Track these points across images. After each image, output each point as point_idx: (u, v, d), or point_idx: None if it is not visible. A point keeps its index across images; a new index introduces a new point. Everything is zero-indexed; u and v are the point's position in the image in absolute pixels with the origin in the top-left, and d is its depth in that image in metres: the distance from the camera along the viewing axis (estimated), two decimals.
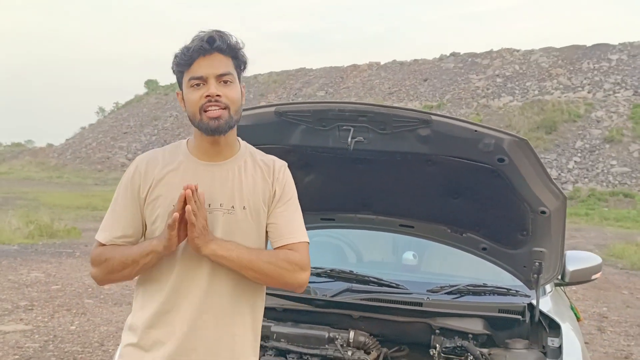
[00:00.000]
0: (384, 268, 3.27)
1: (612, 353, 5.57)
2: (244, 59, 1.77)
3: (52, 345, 5.11)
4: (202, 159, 1.77)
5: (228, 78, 1.71)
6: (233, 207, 1.74)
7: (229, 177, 1.76)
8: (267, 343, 2.57)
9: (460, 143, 2.35)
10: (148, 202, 1.75)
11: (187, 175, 1.74)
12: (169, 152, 1.82)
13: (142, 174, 1.77)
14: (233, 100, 1.71)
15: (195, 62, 1.68)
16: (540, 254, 2.61)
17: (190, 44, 1.69)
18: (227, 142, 1.77)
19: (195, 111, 1.69)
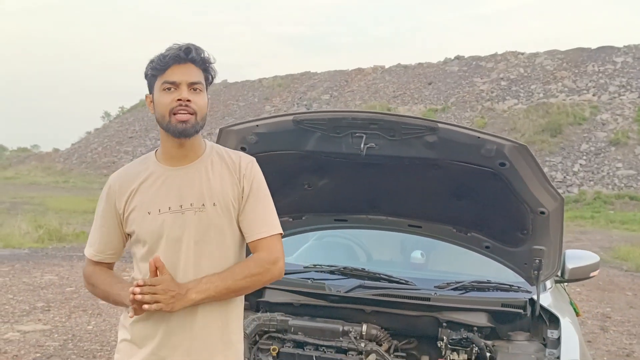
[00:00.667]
0: (393, 266, 3.41)
1: (614, 351, 5.66)
2: (213, 73, 1.90)
3: (72, 344, 5.23)
4: (170, 165, 1.89)
5: (198, 87, 1.83)
6: (203, 205, 1.84)
7: (196, 177, 1.87)
8: (286, 336, 2.75)
9: (464, 149, 2.51)
10: (126, 215, 1.88)
11: (158, 182, 1.86)
12: (138, 165, 1.95)
13: (116, 191, 1.90)
14: (200, 107, 1.83)
15: (169, 68, 1.80)
16: (540, 251, 2.75)
17: (167, 52, 1.81)
18: (192, 145, 1.89)
19: (165, 113, 1.81)
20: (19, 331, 5.50)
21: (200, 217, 1.83)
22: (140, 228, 1.84)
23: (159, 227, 1.82)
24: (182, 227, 1.82)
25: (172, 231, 1.82)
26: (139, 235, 1.85)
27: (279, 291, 2.97)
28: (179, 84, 1.80)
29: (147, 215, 1.83)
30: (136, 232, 1.86)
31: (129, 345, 1.88)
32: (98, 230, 1.94)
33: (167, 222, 1.82)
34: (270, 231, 1.90)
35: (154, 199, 1.84)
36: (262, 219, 1.91)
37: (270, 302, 2.97)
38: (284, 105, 42.46)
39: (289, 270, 3.02)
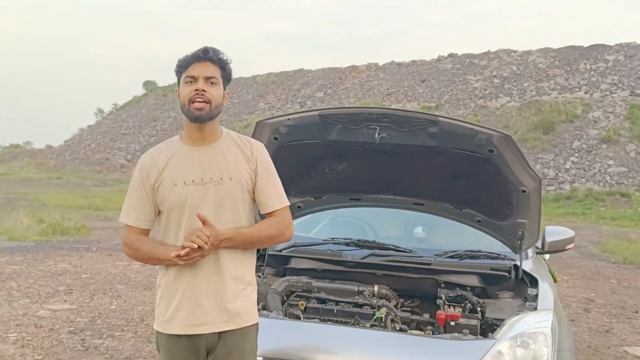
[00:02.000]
0: (398, 241, 3.82)
1: (595, 328, 6.04)
2: (230, 72, 2.28)
3: (100, 320, 5.60)
4: (192, 145, 2.26)
5: (214, 80, 2.20)
6: (221, 179, 2.21)
7: (216, 156, 2.23)
8: (311, 295, 3.29)
9: (460, 138, 3.02)
10: (156, 187, 2.23)
11: (182, 159, 2.23)
12: (165, 146, 2.31)
13: (148, 167, 2.26)
14: (214, 97, 2.19)
15: (191, 65, 2.19)
16: (523, 224, 3.29)
17: (191, 53, 2.22)
18: (210, 129, 2.25)
19: (185, 102, 2.18)
20: (49, 309, 5.89)
21: (218, 189, 2.20)
22: (168, 197, 2.21)
23: (183, 196, 2.19)
24: (203, 196, 2.18)
25: (194, 200, 2.18)
26: (167, 203, 2.21)
27: (303, 259, 3.53)
28: (197, 77, 2.17)
29: (174, 186, 2.20)
30: (164, 200, 2.21)
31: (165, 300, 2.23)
32: (133, 202, 2.27)
33: (190, 192, 2.19)
34: (282, 203, 2.31)
35: (179, 172, 2.21)
36: (276, 193, 2.31)
37: (296, 268, 3.52)
38: (278, 102, 42.44)
39: (311, 242, 3.76)
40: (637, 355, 5.10)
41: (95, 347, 4.74)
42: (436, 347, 2.69)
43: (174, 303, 2.20)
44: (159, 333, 2.27)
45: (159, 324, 2.26)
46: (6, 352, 4.52)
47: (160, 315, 2.25)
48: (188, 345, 2.21)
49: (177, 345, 2.22)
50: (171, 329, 2.21)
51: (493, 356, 2.54)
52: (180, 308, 2.19)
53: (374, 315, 3.01)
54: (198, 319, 2.19)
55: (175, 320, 2.20)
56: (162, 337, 2.25)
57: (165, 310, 2.23)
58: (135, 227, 2.27)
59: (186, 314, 2.19)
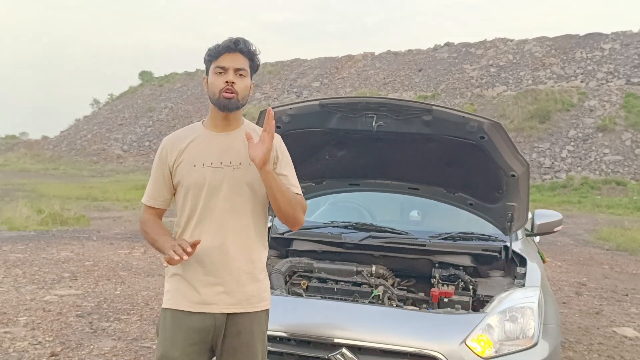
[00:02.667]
0: (395, 224, 4.00)
1: (585, 310, 6.22)
2: (258, 63, 2.34)
3: (105, 304, 5.76)
4: (215, 131, 2.33)
5: (243, 72, 2.26)
6: (240, 163, 2.28)
7: (236, 142, 2.30)
8: (312, 274, 3.47)
9: (453, 126, 3.16)
10: (175, 167, 2.30)
11: (204, 142, 2.30)
12: (188, 130, 2.39)
13: (168, 150, 2.33)
14: (242, 89, 2.26)
15: (222, 56, 2.24)
16: (512, 207, 3.47)
17: (221, 43, 2.26)
18: (234, 118, 2.33)
19: (216, 91, 2.24)
20: (55, 295, 6.04)
21: (236, 172, 2.27)
22: (186, 177, 2.27)
23: (202, 177, 2.26)
24: (221, 178, 2.25)
25: (212, 181, 2.25)
26: (185, 183, 2.28)
27: (304, 241, 3.72)
28: (227, 68, 2.23)
29: (192, 167, 2.27)
30: (183, 181, 2.28)
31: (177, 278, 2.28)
32: (152, 181, 2.36)
33: (209, 174, 2.26)
34: (299, 190, 2.37)
35: (199, 155, 2.28)
36: (293, 181, 2.37)
37: (298, 250, 3.71)
38: (274, 92, 42.49)
39: (311, 226, 3.92)
40: (625, 335, 5.28)
41: (103, 330, 4.90)
42: (430, 320, 2.86)
43: (186, 281, 2.26)
44: (165, 310, 2.29)
45: (168, 300, 2.29)
46: (17, 334, 4.68)
47: (170, 292, 2.29)
48: (194, 325, 2.23)
49: (182, 323, 2.24)
50: (181, 305, 2.25)
51: (483, 329, 2.71)
52: (192, 286, 2.24)
53: (372, 294, 3.18)
54: (210, 298, 2.23)
55: (186, 298, 2.24)
56: (168, 315, 2.28)
57: (177, 287, 2.27)
58: (150, 206, 2.35)
59: (197, 293, 2.23)
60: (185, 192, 2.28)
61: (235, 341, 2.27)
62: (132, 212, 15.04)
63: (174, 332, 2.25)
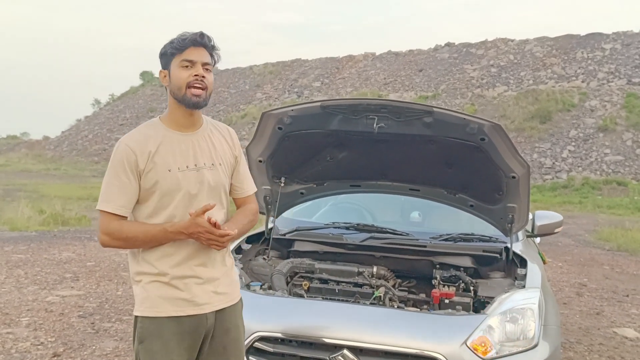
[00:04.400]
0: (395, 225, 4.01)
1: (586, 311, 6.23)
2: (217, 58, 2.26)
3: (107, 305, 5.78)
4: (180, 131, 2.22)
5: (209, 67, 2.20)
6: (213, 164, 2.23)
7: (203, 142, 2.24)
8: (313, 275, 3.48)
9: (453, 127, 3.19)
10: (146, 172, 2.14)
11: (174, 144, 2.18)
12: (148, 130, 2.22)
13: (135, 151, 2.14)
14: (210, 84, 2.19)
15: (187, 49, 2.15)
16: (513, 208, 3.48)
17: (185, 36, 2.17)
18: (198, 115, 2.26)
19: (182, 86, 2.14)
20: (57, 295, 6.06)
21: (212, 174, 2.22)
22: (161, 182, 2.14)
23: (178, 182, 2.15)
24: (200, 182, 2.18)
25: (190, 185, 2.17)
26: (160, 188, 2.14)
27: (306, 242, 3.73)
28: (195, 62, 2.15)
29: (167, 172, 2.14)
30: (156, 186, 2.14)
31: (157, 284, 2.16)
32: (118, 187, 2.14)
33: (186, 178, 2.16)
34: (254, 189, 2.43)
35: (172, 158, 2.16)
36: (249, 179, 2.41)
37: (299, 251, 3.71)
38: (275, 92, 42.46)
39: (313, 227, 3.96)
40: (625, 335, 5.29)
41: (105, 330, 4.92)
42: (431, 322, 2.87)
43: (170, 285, 2.15)
44: (146, 319, 2.15)
45: (148, 308, 2.15)
46: (20, 334, 4.70)
47: (150, 298, 2.15)
48: (184, 327, 2.15)
49: (171, 329, 2.14)
50: (168, 311, 2.14)
51: (484, 330, 2.73)
52: (177, 288, 2.15)
53: (373, 295, 3.20)
54: (199, 298, 2.17)
55: (172, 302, 2.14)
56: (153, 322, 2.14)
57: (158, 292, 2.15)
58: (116, 214, 2.13)
59: (185, 294, 2.15)
60: (160, 198, 2.15)
61: (225, 339, 2.25)
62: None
63: (163, 338, 2.13)
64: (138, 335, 2.18)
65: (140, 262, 2.20)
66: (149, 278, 2.17)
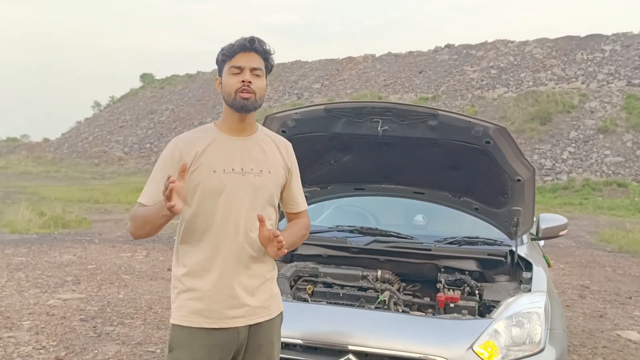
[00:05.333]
0: (399, 228, 4.00)
1: (589, 313, 6.22)
2: (272, 63, 2.25)
3: (109, 308, 5.78)
4: (232, 134, 2.22)
5: (258, 72, 2.18)
6: (261, 171, 2.21)
7: (255, 148, 2.23)
8: (317, 279, 3.45)
9: (458, 130, 3.16)
10: (191, 172, 2.14)
11: (222, 146, 2.18)
12: (200, 132, 2.25)
13: (182, 150, 2.16)
14: (259, 89, 2.17)
15: (236, 55, 2.16)
16: (518, 211, 3.47)
17: (235, 42, 2.18)
18: (250, 121, 2.24)
19: (232, 92, 2.15)
20: (59, 299, 6.05)
21: (257, 180, 2.19)
22: (205, 183, 2.14)
23: (222, 183, 2.14)
24: (242, 186, 2.16)
25: (233, 188, 2.15)
26: (202, 188, 2.14)
27: (310, 246, 3.68)
28: (244, 68, 2.14)
29: (212, 173, 2.14)
30: (199, 186, 2.14)
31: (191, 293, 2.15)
32: (157, 182, 2.14)
33: (230, 181, 2.15)
34: (306, 206, 2.42)
35: (219, 160, 2.16)
36: (302, 195, 2.40)
37: (303, 255, 3.68)
38: (275, 94, 42.45)
39: (317, 230, 3.87)
40: (629, 338, 5.27)
41: (107, 334, 4.90)
42: (437, 326, 2.86)
43: (202, 294, 2.13)
44: (179, 327, 2.14)
45: (182, 317, 2.14)
46: (22, 338, 4.68)
47: (184, 307, 2.14)
48: (215, 341, 2.12)
49: (201, 341, 2.12)
50: (199, 323, 2.12)
51: (490, 334, 2.71)
52: (209, 299, 2.12)
53: (378, 299, 3.18)
54: (231, 312, 2.13)
55: (203, 313, 2.12)
56: (184, 332, 2.13)
57: (190, 302, 2.13)
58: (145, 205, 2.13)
59: (217, 306, 2.12)
60: (202, 198, 2.15)
61: (257, 355, 2.22)
62: None
63: (194, 350, 2.12)
64: (169, 343, 2.20)
65: (179, 267, 2.21)
66: (180, 284, 2.18)
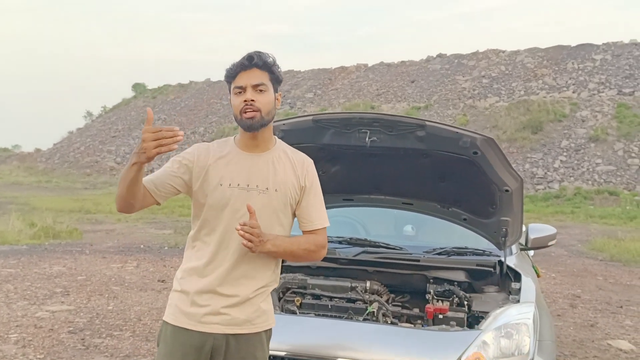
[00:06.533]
0: (389, 239, 3.98)
1: (580, 323, 6.22)
2: (278, 74, 2.24)
3: (98, 320, 5.73)
4: (245, 150, 2.24)
5: (262, 88, 2.17)
6: (267, 188, 2.19)
7: (265, 165, 2.22)
8: (306, 291, 3.41)
9: (446, 141, 3.19)
10: (200, 180, 2.19)
11: (232, 161, 2.21)
12: (219, 145, 2.29)
13: (196, 155, 2.22)
14: (264, 104, 2.16)
15: (238, 75, 2.17)
16: (506, 222, 3.48)
17: (237, 62, 2.18)
18: (263, 138, 2.24)
19: (237, 113, 2.18)
20: (47, 311, 6.00)
21: (262, 197, 2.18)
22: (210, 195, 2.19)
23: (226, 197, 2.17)
24: (245, 202, 2.14)
25: (236, 203, 2.17)
26: (207, 201, 2.19)
27: None
28: (245, 87, 2.15)
29: (218, 186, 2.18)
30: (205, 197, 2.19)
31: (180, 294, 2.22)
32: (163, 169, 2.21)
33: (234, 195, 2.17)
34: (324, 223, 2.31)
35: (226, 173, 2.19)
36: (319, 212, 2.31)
37: (291, 266, 3.64)
38: None
39: None
40: (620, 348, 5.27)
41: (95, 346, 4.86)
42: (425, 338, 2.85)
43: (189, 297, 2.19)
44: (166, 323, 2.24)
45: (169, 314, 2.24)
46: (8, 351, 4.63)
47: (172, 306, 2.24)
48: (192, 341, 2.17)
49: (180, 339, 2.18)
50: (181, 322, 2.19)
51: (478, 346, 2.70)
52: (194, 302, 2.18)
53: (367, 310, 3.16)
54: (211, 317, 2.17)
55: (187, 314, 2.18)
56: (168, 328, 2.23)
57: (179, 302, 2.22)
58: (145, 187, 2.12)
59: (199, 310, 2.17)
60: (207, 210, 2.20)
61: None
62: (124, 225, 14.95)
63: (173, 346, 2.19)
64: (157, 337, 2.31)
65: (180, 269, 2.28)
66: (177, 284, 2.26)
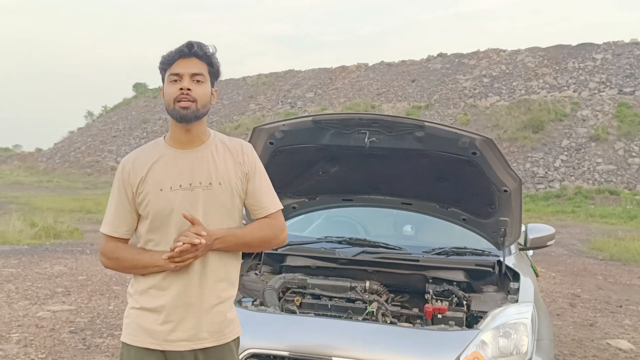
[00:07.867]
0: (388, 239, 3.97)
1: (579, 322, 6.23)
2: (218, 67, 2.13)
3: (99, 320, 5.74)
4: (179, 148, 2.10)
5: (199, 78, 2.05)
6: (210, 183, 2.06)
7: (204, 160, 2.09)
8: (306, 291, 3.42)
9: (445, 142, 3.19)
10: (138, 193, 2.06)
11: (169, 163, 2.07)
12: (149, 149, 2.15)
13: (129, 172, 2.08)
14: (201, 96, 2.04)
15: (175, 62, 2.04)
16: (505, 222, 3.50)
17: (174, 49, 2.06)
18: (197, 131, 2.10)
19: (170, 101, 2.03)
20: (48, 310, 6.01)
21: (208, 194, 2.05)
22: (153, 203, 2.04)
23: (170, 202, 2.03)
24: (192, 202, 2.03)
25: (183, 206, 2.02)
26: (152, 209, 2.04)
27: (298, 257, 3.69)
28: (182, 75, 2.02)
29: (159, 192, 2.03)
30: (149, 206, 2.04)
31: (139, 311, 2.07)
32: (113, 208, 2.11)
33: (178, 198, 2.03)
34: (276, 207, 2.18)
35: (165, 177, 2.05)
36: (269, 197, 2.18)
37: (291, 266, 3.67)
38: (268, 103, 42.50)
39: (305, 241, 3.92)
40: (619, 347, 5.28)
41: (97, 346, 4.88)
42: (424, 337, 2.86)
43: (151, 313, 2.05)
44: (127, 345, 2.09)
45: (128, 335, 2.09)
46: (10, 351, 4.65)
47: (131, 326, 2.09)
48: None
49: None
50: (144, 342, 2.05)
51: (477, 345, 2.71)
52: (157, 319, 2.04)
53: (366, 310, 3.17)
54: (178, 334, 2.04)
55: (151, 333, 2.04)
56: (131, 351, 2.08)
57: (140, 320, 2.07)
58: (113, 236, 2.10)
59: (164, 327, 2.04)
60: (153, 219, 2.04)
61: None
62: None
63: None
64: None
65: (134, 284, 2.13)
66: (133, 301, 2.11)
